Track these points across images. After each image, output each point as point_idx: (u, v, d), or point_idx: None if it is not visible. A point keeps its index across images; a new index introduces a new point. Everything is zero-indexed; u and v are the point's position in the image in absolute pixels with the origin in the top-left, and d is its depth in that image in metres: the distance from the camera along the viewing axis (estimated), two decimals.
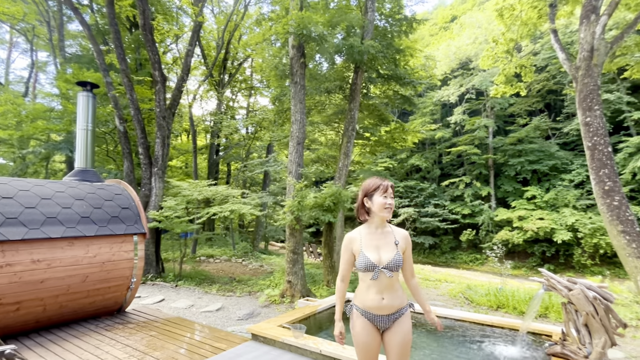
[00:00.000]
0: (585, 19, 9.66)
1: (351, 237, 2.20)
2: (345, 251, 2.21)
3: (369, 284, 2.13)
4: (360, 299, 2.17)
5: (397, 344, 2.12)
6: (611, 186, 7.48)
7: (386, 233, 2.21)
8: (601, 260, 17.28)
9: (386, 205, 2.14)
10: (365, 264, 2.10)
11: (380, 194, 2.15)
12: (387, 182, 2.19)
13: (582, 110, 8.97)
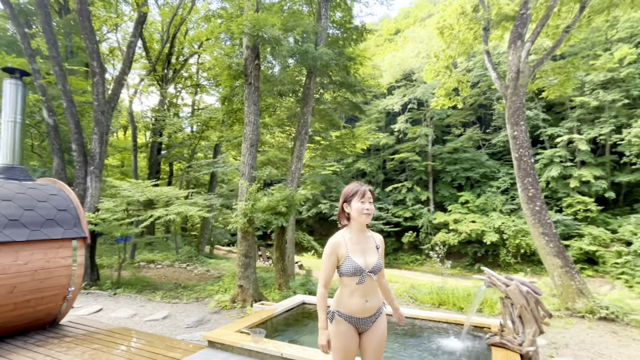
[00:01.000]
0: (512, 44, 10.82)
1: (337, 242, 2.16)
2: (330, 255, 2.15)
3: (354, 288, 2.13)
4: (344, 304, 2.16)
5: (375, 344, 2.19)
6: (534, 193, 8.47)
7: (367, 237, 2.25)
8: (522, 259, 19.40)
9: (364, 210, 2.14)
10: (353, 268, 2.09)
11: (358, 199, 2.16)
12: (365, 187, 2.19)
13: (511, 124, 10.01)
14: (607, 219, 19.49)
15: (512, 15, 12.09)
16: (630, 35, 21.59)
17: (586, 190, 20.03)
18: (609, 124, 20.58)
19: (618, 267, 17.04)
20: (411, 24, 49.19)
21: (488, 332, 4.09)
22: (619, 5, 10.95)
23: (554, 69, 13.66)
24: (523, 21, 10.90)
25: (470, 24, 13.75)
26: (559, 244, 7.75)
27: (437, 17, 15.37)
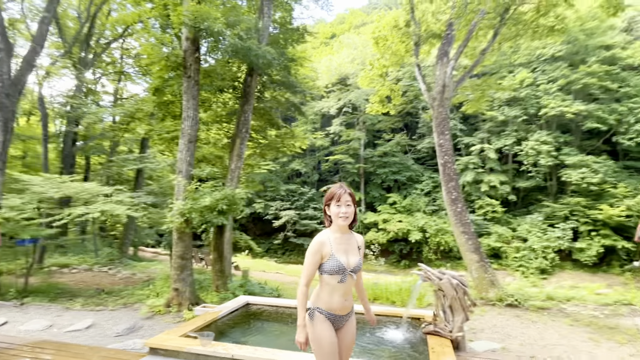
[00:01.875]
0: (440, 60, 11.92)
1: (322, 241, 2.19)
2: (314, 254, 2.17)
3: (335, 286, 2.19)
4: (325, 302, 2.21)
5: (349, 342, 2.30)
6: (456, 196, 9.47)
7: (350, 238, 2.30)
8: (442, 255, 21.44)
9: (340, 214, 2.18)
10: (337, 267, 2.14)
11: (335, 203, 2.20)
12: (342, 190, 2.21)
13: (437, 133, 11.02)
14: (509, 219, 22.50)
15: (439, 34, 13.32)
16: (528, 61, 25.18)
17: (493, 193, 22.88)
18: (511, 136, 23.77)
19: (517, 260, 19.82)
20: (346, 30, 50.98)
21: (423, 322, 4.51)
22: (523, 35, 12.72)
23: (472, 86, 15.35)
24: (449, 40, 12.07)
25: (402, 38, 14.70)
26: (476, 242, 8.78)
27: (373, 27, 16.16)
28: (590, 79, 22.24)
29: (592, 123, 21.94)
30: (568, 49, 23.81)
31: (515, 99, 24.33)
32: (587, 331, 5.89)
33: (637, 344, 5.29)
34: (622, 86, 22.66)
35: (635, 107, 21.83)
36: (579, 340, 5.48)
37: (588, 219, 19.64)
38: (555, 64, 24.10)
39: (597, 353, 4.95)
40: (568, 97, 22.82)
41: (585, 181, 20.17)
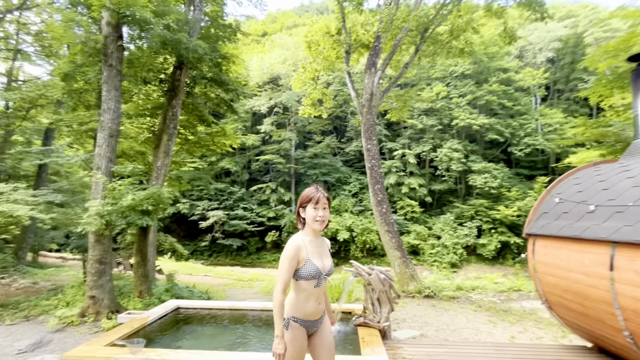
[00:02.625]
0: (368, 70, 12.67)
1: (298, 245, 2.11)
2: (292, 259, 2.07)
3: (311, 292, 2.12)
4: (300, 309, 2.14)
5: (328, 344, 2.26)
6: (382, 197, 10.17)
7: (322, 241, 2.28)
8: (367, 253, 22.68)
9: (317, 217, 2.12)
10: (314, 272, 2.08)
11: (312, 205, 2.13)
12: (319, 193, 2.15)
13: (365, 139, 11.70)
14: (426, 218, 24.73)
15: (368, 45, 14.14)
16: (443, 76, 27.99)
17: (413, 195, 24.93)
18: (429, 143, 26.17)
19: (432, 256, 21.91)
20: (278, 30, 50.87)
21: (354, 315, 4.82)
22: (440, 53, 14.13)
23: (396, 95, 16.54)
24: (376, 52, 12.89)
25: (334, 44, 15.23)
26: (399, 240, 9.55)
27: (305, 30, 16.45)
28: (492, 96, 25.61)
29: (493, 135, 25.32)
30: (474, 69, 27.06)
31: (432, 109, 26.84)
32: (488, 315, 6.84)
33: (524, 322, 6.31)
34: (515, 104, 26.53)
35: (525, 123, 25.74)
36: (481, 322, 6.34)
37: (489, 218, 22.59)
38: (464, 80, 27.19)
39: (495, 332, 5.80)
40: (474, 111, 25.94)
41: (487, 185, 23.16)
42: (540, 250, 4.32)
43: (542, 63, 28.90)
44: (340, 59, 15.44)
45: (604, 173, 4.06)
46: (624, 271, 3.10)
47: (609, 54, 12.43)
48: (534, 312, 6.83)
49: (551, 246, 4.12)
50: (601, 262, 3.34)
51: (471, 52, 13.73)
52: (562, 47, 28.83)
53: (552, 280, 4.12)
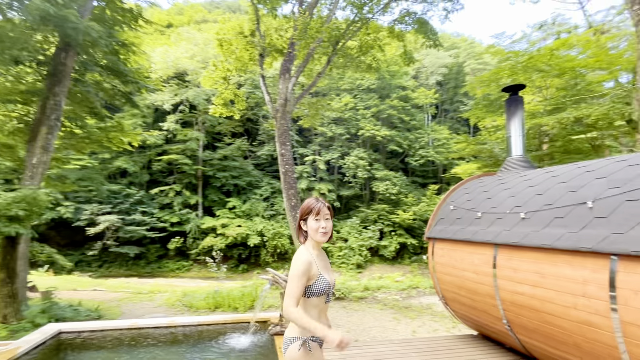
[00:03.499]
0: (282, 75, 12.73)
1: (309, 261, 2.00)
2: (303, 275, 1.95)
3: (322, 307, 2.05)
4: None
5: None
6: (295, 202, 10.26)
7: (324, 254, 2.20)
8: (278, 257, 22.58)
9: (319, 229, 2.03)
10: (326, 287, 2.00)
11: (313, 217, 2.04)
12: (320, 203, 2.06)
13: (279, 144, 11.70)
14: (335, 222, 25.78)
15: (282, 50, 14.21)
16: (351, 88, 29.76)
17: None
18: (337, 151, 27.45)
19: (340, 258, 22.92)
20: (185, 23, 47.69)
21: (271, 324, 4.71)
22: (350, 67, 14.95)
23: (308, 103, 16.96)
24: (291, 58, 13.03)
25: (247, 46, 14.90)
26: None
27: (217, 27, 15.75)
28: (393, 110, 28.17)
29: (393, 146, 27.85)
30: (378, 84, 29.43)
31: (340, 119, 28.26)
32: (392, 312, 7.41)
33: (422, 317, 7.01)
34: (412, 119, 29.64)
35: (419, 136, 28.94)
36: (387, 320, 6.84)
37: (389, 222, 24.69)
38: (370, 94, 29.34)
39: (399, 328, 6.30)
40: (378, 123, 28.15)
41: (388, 191, 25.30)
42: (438, 252, 4.84)
43: (433, 85, 32.93)
44: (254, 60, 15.16)
45: (486, 184, 4.75)
46: (503, 269, 3.66)
47: (483, 83, 14.75)
48: (429, 307, 7.63)
49: (447, 248, 4.65)
50: (487, 261, 3.89)
51: (377, 68, 14.85)
52: (447, 73, 33.30)
53: (448, 278, 4.65)
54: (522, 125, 4.98)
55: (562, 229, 3.06)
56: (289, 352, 1.96)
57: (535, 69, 12.00)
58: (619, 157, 3.31)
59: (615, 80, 13.36)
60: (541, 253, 3.21)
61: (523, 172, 4.51)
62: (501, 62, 13.61)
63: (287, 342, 2.00)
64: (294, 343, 1.96)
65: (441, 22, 23.87)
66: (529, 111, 13.53)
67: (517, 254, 3.48)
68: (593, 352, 2.81)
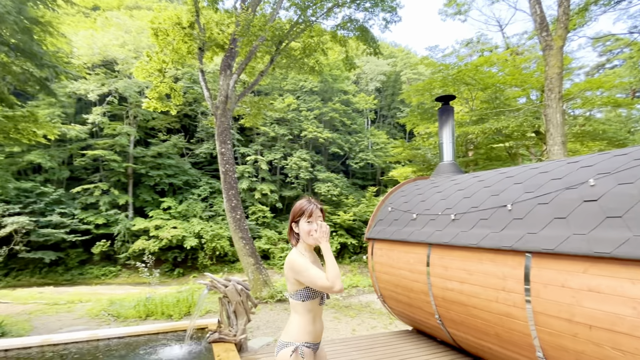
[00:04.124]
0: (223, 71, 12.28)
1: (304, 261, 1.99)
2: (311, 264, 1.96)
3: (317, 311, 2.02)
4: (311, 332, 1.99)
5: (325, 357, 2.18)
6: (236, 203, 9.94)
7: (316, 255, 2.18)
8: (217, 260, 21.69)
9: (312, 232, 2.01)
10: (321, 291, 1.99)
11: (305, 219, 2.02)
12: (312, 205, 2.04)
13: (219, 142, 11.26)
14: (276, 223, 25.55)
15: (224, 45, 13.71)
16: (294, 89, 29.80)
17: (265, 200, 25.40)
18: (280, 151, 27.27)
19: (282, 260, 22.73)
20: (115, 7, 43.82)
21: (209, 332, 4.48)
22: (293, 68, 14.91)
23: (251, 102, 16.58)
24: (232, 55, 12.63)
25: (185, 38, 14.11)
26: (252, 246, 9.49)
27: (152, 16, 14.71)
28: (335, 113, 28.78)
29: (335, 148, 28.44)
30: (321, 87, 29.87)
31: (283, 119, 28.12)
32: (333, 312, 7.52)
33: (361, 315, 7.22)
34: (352, 123, 30.56)
35: (359, 140, 29.94)
36: (328, 320, 6.92)
37: (331, 223, 25.14)
38: (313, 96, 29.64)
39: (340, 327, 6.41)
40: (320, 125, 28.54)
41: (329, 193, 25.77)
42: (377, 252, 5.02)
43: (373, 91, 34.33)
44: (193, 54, 14.40)
45: (421, 187, 5.04)
46: (436, 267, 3.90)
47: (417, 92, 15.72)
48: (368, 305, 7.90)
49: (386, 248, 4.84)
50: (421, 260, 4.12)
51: (320, 71, 15.02)
52: (386, 80, 34.97)
53: (386, 277, 4.84)
54: (452, 133, 5.38)
55: (486, 230, 3.35)
56: (281, 356, 1.94)
57: (463, 82, 13.10)
58: (533, 165, 3.72)
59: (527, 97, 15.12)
60: (469, 252, 3.48)
61: (453, 176, 4.86)
62: (434, 73, 14.65)
63: (280, 345, 1.98)
64: (287, 348, 1.94)
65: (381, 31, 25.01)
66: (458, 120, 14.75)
67: (448, 253, 3.74)
68: (511, 341, 3.12)
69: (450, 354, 4.19)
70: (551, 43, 7.66)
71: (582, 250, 2.48)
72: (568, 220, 2.70)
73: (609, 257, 2.32)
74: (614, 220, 2.41)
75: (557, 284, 2.64)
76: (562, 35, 7.67)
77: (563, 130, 7.94)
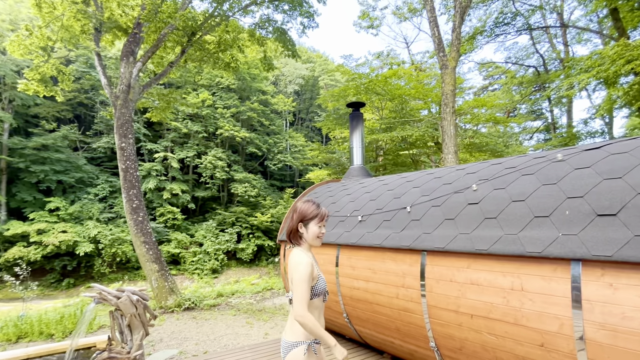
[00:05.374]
0: (125, 58, 11.02)
1: (310, 262, 1.98)
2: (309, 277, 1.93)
3: (321, 308, 2.09)
4: None
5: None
6: (138, 204, 8.94)
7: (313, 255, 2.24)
8: (118, 268, 19.29)
9: (319, 234, 2.10)
10: (325, 286, 2.08)
11: (317, 222, 2.09)
12: (323, 209, 2.13)
13: (119, 135, 10.04)
14: (188, 225, 23.86)
15: (127, 29, 12.31)
16: (209, 84, 28.33)
17: (175, 201, 23.53)
18: (193, 149, 25.60)
19: (194, 264, 21.30)
20: None
21: (97, 351, 3.89)
22: (207, 62, 14.08)
23: (159, 94, 15.16)
24: (136, 40, 11.41)
25: (78, 15, 12.31)
26: (157, 251, 8.64)
27: None
28: (253, 113, 28.14)
29: (253, 148, 27.81)
30: (239, 85, 28.96)
31: (197, 115, 26.51)
32: (245, 317, 7.25)
33: (275, 318, 7.10)
34: (271, 124, 30.28)
35: (278, 141, 29.82)
36: (240, 326, 6.64)
37: (248, 224, 24.46)
38: (230, 93, 28.54)
39: (251, 333, 6.20)
40: (237, 124, 27.63)
41: (247, 194, 25.04)
42: (288, 253, 4.97)
43: (291, 93, 34.53)
44: (88, 34, 12.59)
45: (333, 190, 5.16)
46: (344, 267, 4.00)
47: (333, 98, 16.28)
48: (282, 307, 7.81)
49: None
50: (331, 260, 4.19)
51: (236, 68, 14.49)
52: (304, 84, 35.52)
53: None
54: (362, 138, 5.63)
55: (389, 230, 3.54)
56: (293, 356, 1.93)
57: (374, 92, 13.95)
58: (430, 171, 4.07)
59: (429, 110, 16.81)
60: (373, 251, 3.64)
61: (362, 179, 5.08)
62: (348, 81, 15.32)
63: (290, 346, 1.96)
64: (297, 347, 1.94)
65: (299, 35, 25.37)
66: (370, 127, 15.67)
67: (355, 253, 3.86)
68: (409, 334, 3.34)
69: (357, 350, 4.34)
70: (447, 63, 8.60)
71: (466, 248, 2.76)
72: (456, 221, 2.99)
73: (486, 253, 2.62)
74: (491, 220, 2.73)
75: (447, 279, 2.90)
76: (455, 57, 8.65)
77: (456, 141, 8.97)
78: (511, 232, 2.54)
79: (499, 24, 17.37)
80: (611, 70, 8.07)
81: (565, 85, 10.69)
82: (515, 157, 3.23)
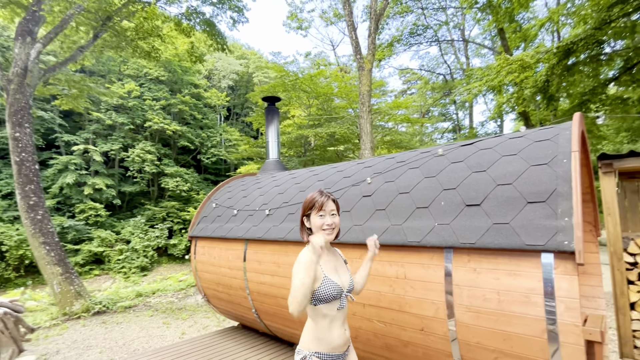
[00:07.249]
0: (21, 37, 9.28)
1: (310, 259, 1.56)
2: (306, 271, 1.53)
3: (334, 316, 1.67)
4: (325, 341, 1.64)
5: None
6: (36, 201, 7.57)
7: (334, 252, 1.87)
8: (26, 271, 16.48)
9: (324, 226, 1.71)
10: (334, 291, 1.64)
11: (317, 213, 1.72)
12: (324, 197, 1.73)
13: (12, 124, 8.43)
14: (113, 222, 21.35)
15: (26, 5, 10.37)
16: (136, 75, 25.61)
17: (98, 197, 20.86)
18: (118, 142, 22.93)
19: (120, 263, 19.11)
20: None
21: None
22: (125, 49, 12.52)
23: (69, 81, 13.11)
24: (35, 19, 9.67)
25: None
26: (60, 252, 7.42)
27: None
28: (184, 106, 26.12)
29: (185, 142, 25.84)
30: (169, 77, 26.63)
31: (123, 106, 23.79)
32: (163, 317, 6.57)
33: (195, 316, 6.55)
34: (204, 118, 28.48)
35: (212, 135, 28.16)
36: (155, 327, 5.98)
37: (180, 219, 22.70)
38: (159, 85, 26.10)
39: (167, 334, 5.60)
40: (168, 117, 25.43)
41: (178, 188, 23.21)
42: (199, 250, 4.52)
43: (225, 88, 32.83)
44: None
45: (246, 184, 4.81)
46: (251, 262, 3.71)
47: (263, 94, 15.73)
48: (203, 305, 7.25)
49: (208, 246, 4.39)
50: (239, 256, 3.86)
51: (158, 57, 13.17)
52: (239, 80, 34.02)
53: (208, 276, 4.40)
54: (277, 132, 5.35)
55: (293, 223, 3.32)
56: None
57: (302, 89, 13.75)
58: (334, 165, 3.94)
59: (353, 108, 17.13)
60: (278, 245, 3.40)
61: (275, 173, 4.81)
62: (277, 78, 14.92)
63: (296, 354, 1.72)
64: (297, 356, 1.70)
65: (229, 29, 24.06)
66: (299, 123, 15.46)
67: (261, 248, 3.60)
68: None
69: (269, 344, 4.10)
70: (363, 65, 8.69)
71: (359, 239, 2.65)
72: (352, 213, 2.87)
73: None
74: (381, 212, 2.65)
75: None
76: (371, 60, 8.78)
77: (372, 138, 9.17)
78: (397, 223, 2.48)
79: (413, 34, 18.36)
80: (496, 80, 8.90)
81: (465, 92, 11.63)
82: (407, 152, 3.23)
